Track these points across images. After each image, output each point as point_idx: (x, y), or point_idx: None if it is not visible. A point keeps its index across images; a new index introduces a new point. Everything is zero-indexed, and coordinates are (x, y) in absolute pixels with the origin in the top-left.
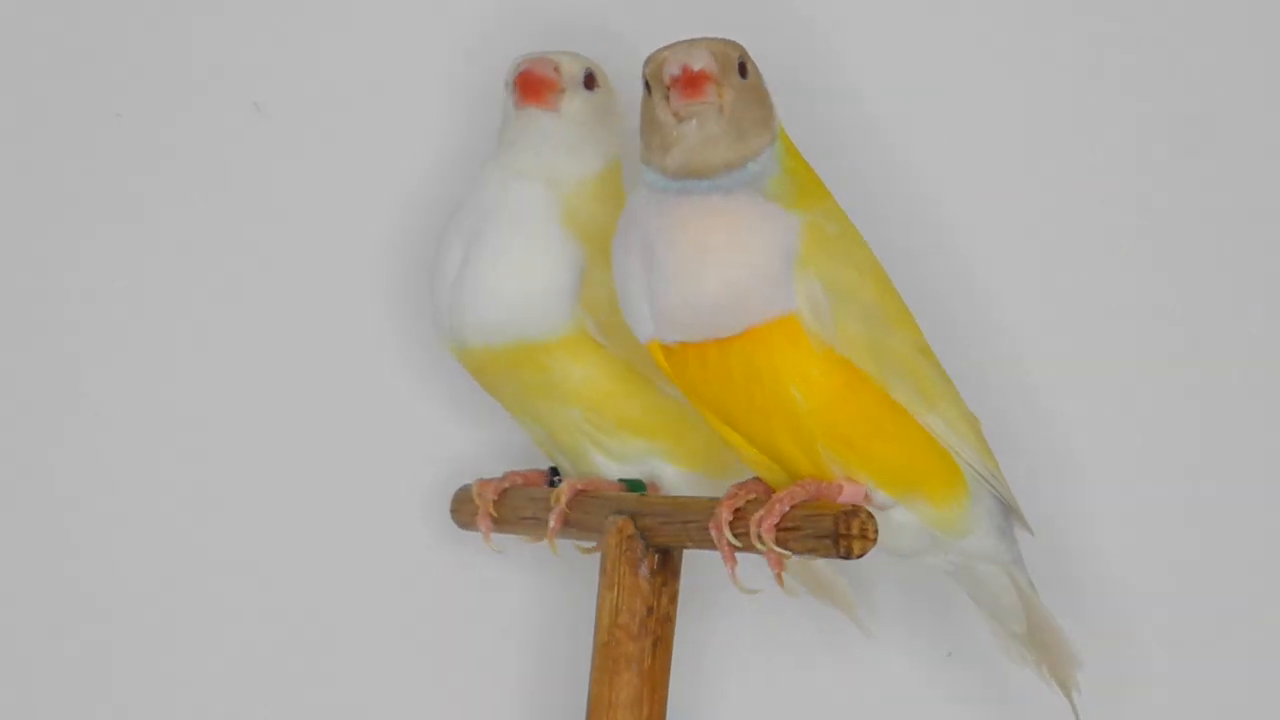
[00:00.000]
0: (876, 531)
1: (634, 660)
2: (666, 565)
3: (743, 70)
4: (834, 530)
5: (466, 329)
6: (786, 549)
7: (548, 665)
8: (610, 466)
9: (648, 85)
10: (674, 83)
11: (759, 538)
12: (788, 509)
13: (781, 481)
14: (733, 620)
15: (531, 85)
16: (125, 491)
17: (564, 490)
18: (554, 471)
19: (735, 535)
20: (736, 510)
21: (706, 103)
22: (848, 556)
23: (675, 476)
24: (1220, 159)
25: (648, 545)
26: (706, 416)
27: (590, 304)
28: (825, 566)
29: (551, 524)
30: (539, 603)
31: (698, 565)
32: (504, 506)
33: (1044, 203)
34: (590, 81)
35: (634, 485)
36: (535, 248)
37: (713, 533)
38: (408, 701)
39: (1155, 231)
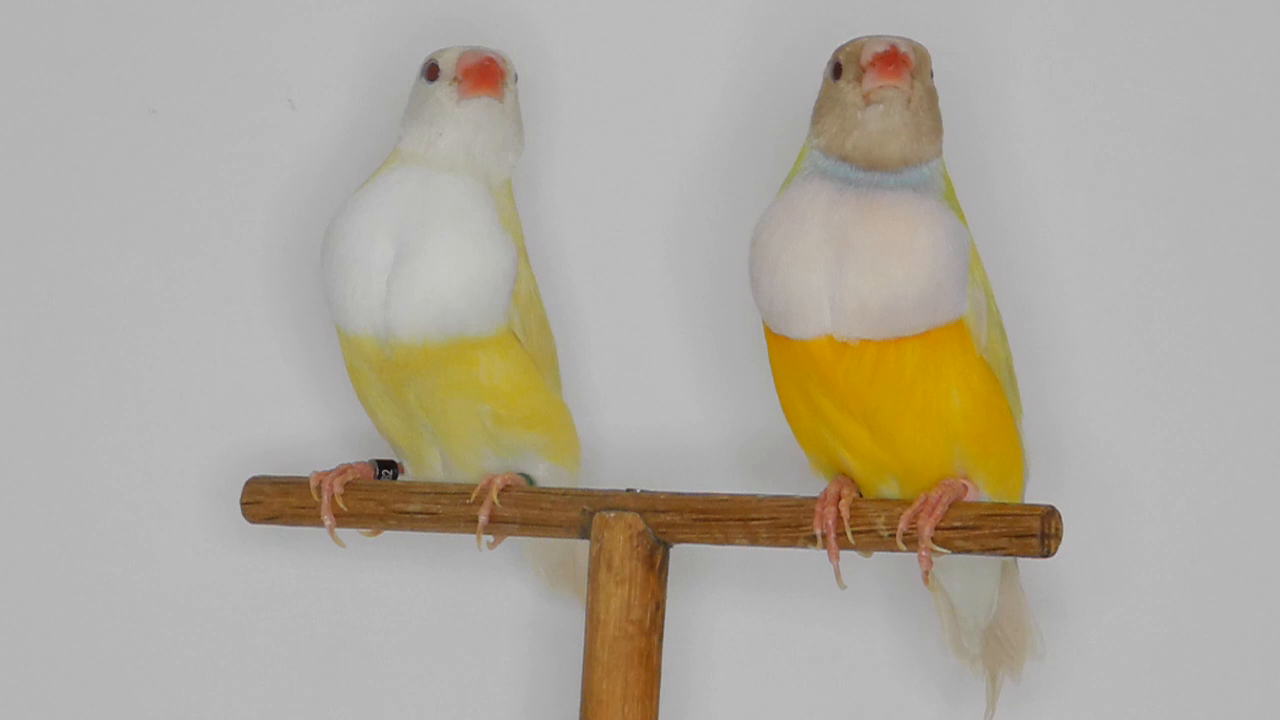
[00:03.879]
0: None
1: (645, 655)
2: (666, 561)
3: (930, 73)
4: (1040, 530)
5: (402, 324)
6: (947, 547)
7: (531, 664)
8: (496, 462)
9: (838, 69)
10: (875, 60)
11: (904, 536)
12: (946, 509)
13: (872, 482)
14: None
15: (487, 74)
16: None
17: (494, 486)
18: (383, 465)
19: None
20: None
21: (899, 87)
22: (1047, 555)
23: (547, 471)
24: (1221, 161)
25: (657, 541)
26: (824, 415)
27: (517, 300)
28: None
29: (483, 519)
30: (520, 602)
31: None
32: (360, 499)
33: (1045, 201)
34: (515, 78)
35: (529, 479)
36: (481, 245)
37: (818, 530)
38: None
39: (1157, 229)
